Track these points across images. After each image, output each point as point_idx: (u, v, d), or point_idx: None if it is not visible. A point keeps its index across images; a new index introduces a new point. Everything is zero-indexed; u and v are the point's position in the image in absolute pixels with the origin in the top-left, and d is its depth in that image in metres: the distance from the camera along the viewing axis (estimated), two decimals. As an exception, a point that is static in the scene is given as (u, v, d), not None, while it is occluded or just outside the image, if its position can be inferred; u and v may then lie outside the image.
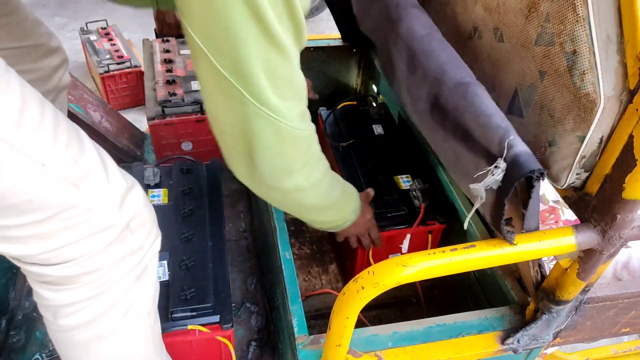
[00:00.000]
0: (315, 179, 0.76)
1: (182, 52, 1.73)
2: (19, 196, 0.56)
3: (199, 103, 1.52)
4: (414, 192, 1.10)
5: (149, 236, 0.70)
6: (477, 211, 1.01)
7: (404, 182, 1.15)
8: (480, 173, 0.63)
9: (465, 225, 0.72)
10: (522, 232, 0.65)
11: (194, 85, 1.60)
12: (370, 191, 1.06)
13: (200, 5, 0.55)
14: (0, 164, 0.53)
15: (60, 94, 1.12)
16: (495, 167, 0.60)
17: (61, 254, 0.61)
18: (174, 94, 1.54)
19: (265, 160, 0.68)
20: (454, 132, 0.74)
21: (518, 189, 0.62)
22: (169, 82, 1.59)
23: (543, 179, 0.57)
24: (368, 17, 1.09)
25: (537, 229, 0.65)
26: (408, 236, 1.06)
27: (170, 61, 1.68)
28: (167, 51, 1.73)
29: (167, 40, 1.78)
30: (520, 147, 0.60)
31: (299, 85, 0.66)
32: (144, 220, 0.69)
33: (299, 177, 0.73)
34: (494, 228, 0.67)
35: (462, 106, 0.70)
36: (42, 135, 0.57)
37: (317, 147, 0.75)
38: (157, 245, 0.73)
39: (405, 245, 1.08)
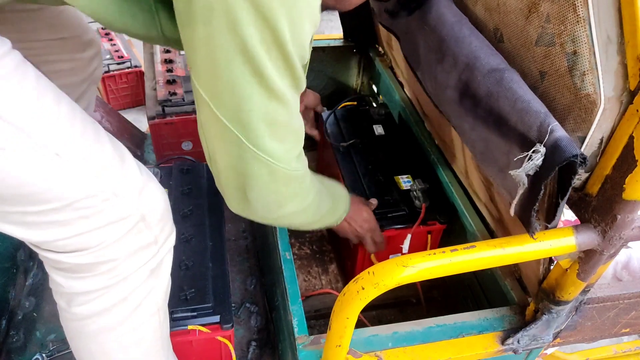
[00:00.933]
0: (305, 205, 0.78)
1: (182, 52, 1.73)
2: (34, 185, 0.58)
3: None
4: (414, 193, 1.10)
5: (163, 230, 0.72)
6: (477, 211, 1.02)
7: (405, 182, 1.15)
8: (518, 158, 0.62)
9: (513, 212, 0.68)
10: (546, 226, 0.65)
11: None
12: (373, 201, 1.07)
13: (205, 62, 0.57)
14: (15, 153, 0.56)
15: (92, 85, 1.14)
16: (534, 152, 0.58)
17: (77, 242, 0.63)
18: (174, 94, 1.54)
19: (259, 197, 0.70)
20: (485, 119, 0.73)
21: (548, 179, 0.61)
22: (169, 82, 1.60)
23: (586, 165, 0.56)
24: (388, 7, 1.08)
25: (557, 223, 0.65)
26: (409, 236, 1.06)
27: (170, 61, 1.69)
28: (168, 51, 1.74)
29: None
30: (561, 132, 0.58)
31: (297, 128, 0.69)
32: (160, 214, 0.71)
33: (290, 207, 0.75)
34: (520, 218, 0.66)
35: (497, 92, 0.69)
36: (58, 126, 0.59)
37: (308, 179, 0.77)
38: (172, 240, 0.75)
39: (405, 246, 1.08)
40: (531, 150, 0.59)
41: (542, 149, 0.58)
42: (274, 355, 1.17)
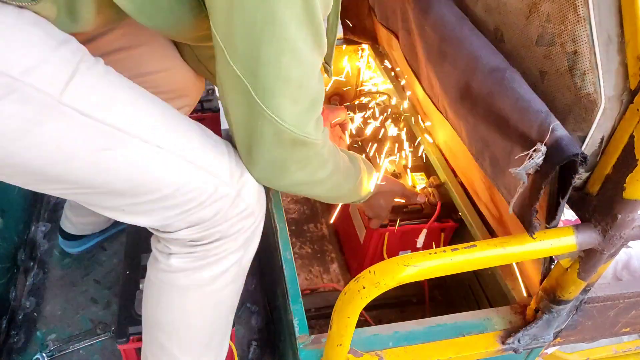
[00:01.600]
0: (318, 178, 0.78)
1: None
2: (143, 176, 0.65)
3: (200, 102, 1.52)
4: (428, 189, 1.11)
5: (258, 202, 0.77)
6: (477, 211, 1.02)
7: (419, 179, 1.16)
8: (518, 157, 0.63)
9: (511, 210, 0.67)
10: (546, 226, 0.65)
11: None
12: (420, 199, 1.08)
13: (223, 7, 0.58)
14: (121, 150, 0.62)
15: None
16: (535, 150, 0.58)
17: (190, 220, 0.71)
18: None
19: (262, 158, 0.71)
20: (485, 118, 0.73)
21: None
22: None
23: (586, 164, 0.56)
24: (387, 6, 1.08)
25: (557, 223, 0.65)
26: (424, 232, 1.07)
27: None
28: None
29: None
30: (562, 131, 0.59)
31: (314, 91, 0.67)
32: (256, 192, 0.76)
33: (298, 175, 0.75)
34: (520, 217, 0.66)
35: (498, 91, 0.69)
36: (154, 123, 0.66)
37: (326, 151, 0.76)
38: (263, 212, 0.80)
39: (420, 241, 1.08)
40: (532, 149, 0.59)
41: (543, 148, 0.58)
42: (274, 354, 1.17)
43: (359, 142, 1.25)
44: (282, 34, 0.57)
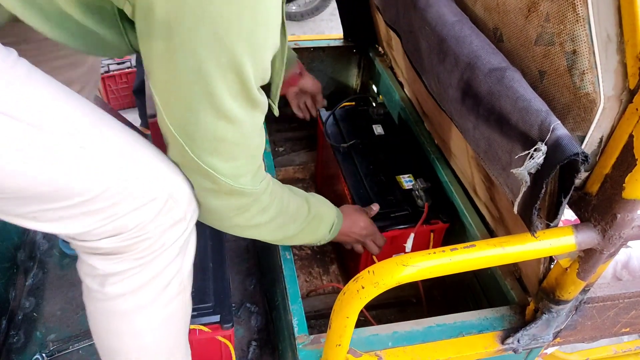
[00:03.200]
0: (258, 222, 0.78)
1: None
2: (64, 179, 0.59)
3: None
4: (416, 192, 1.11)
5: (190, 206, 0.73)
6: (477, 211, 1.02)
7: (406, 181, 1.15)
8: (518, 156, 0.63)
9: (516, 210, 0.68)
10: (547, 224, 0.65)
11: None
12: (374, 207, 1.07)
13: (160, 74, 0.60)
14: (40, 151, 0.57)
15: (92, 77, 1.11)
16: (536, 150, 0.58)
17: (113, 227, 0.65)
18: None
19: (201, 202, 0.73)
20: (486, 118, 0.73)
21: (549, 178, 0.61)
22: None
23: (587, 163, 0.56)
24: (392, 5, 1.08)
25: (559, 221, 0.65)
26: (412, 235, 1.06)
27: None
28: None
29: None
30: (562, 131, 0.58)
31: (252, 147, 0.69)
32: (187, 191, 0.72)
33: (237, 220, 0.76)
34: (522, 216, 0.66)
35: (498, 91, 0.69)
36: (76, 121, 0.60)
37: (266, 198, 0.76)
38: (196, 216, 0.76)
39: (409, 245, 1.08)
40: (533, 149, 0.59)
41: (544, 148, 0.58)
42: (274, 355, 1.17)
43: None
44: (219, 106, 0.60)
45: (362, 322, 1.13)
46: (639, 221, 0.62)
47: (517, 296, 0.87)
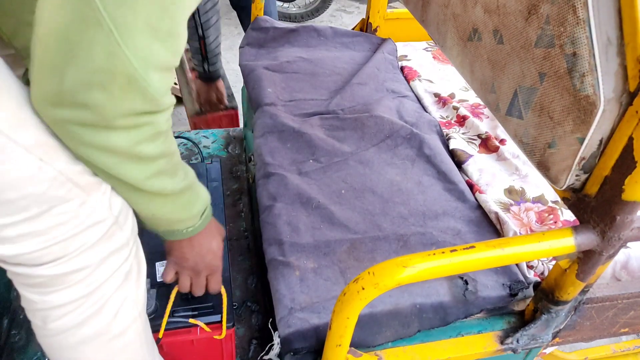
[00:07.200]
0: (142, 151, 0.59)
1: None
2: (16, 190, 0.54)
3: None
4: None
5: (133, 231, 0.69)
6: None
7: None
8: None
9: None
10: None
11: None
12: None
13: None
14: (1, 157, 0.52)
15: None
16: None
17: (52, 251, 0.60)
18: None
19: (76, 79, 0.50)
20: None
21: None
22: None
23: None
24: None
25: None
26: None
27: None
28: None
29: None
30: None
31: (182, 36, 0.54)
32: (128, 214, 0.67)
33: (118, 136, 0.56)
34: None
35: None
36: (37, 132, 0.55)
37: (164, 123, 0.59)
38: (139, 243, 0.71)
39: None
40: None
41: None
42: (274, 354, 1.17)
43: None
44: None
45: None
46: (638, 223, 0.62)
47: (516, 296, 0.87)
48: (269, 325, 0.86)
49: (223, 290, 0.90)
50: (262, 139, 1.13)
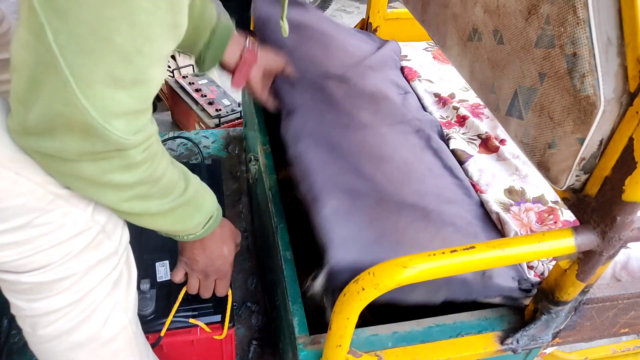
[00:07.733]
0: (111, 179, 0.58)
1: (200, 82, 2.24)
2: None
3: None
4: None
5: (122, 239, 0.68)
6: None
7: None
8: None
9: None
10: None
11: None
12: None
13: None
14: None
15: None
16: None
17: (36, 259, 0.60)
18: (219, 109, 2.08)
19: (35, 120, 0.51)
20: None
21: None
22: (209, 103, 2.10)
23: None
24: None
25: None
26: None
27: (199, 90, 2.18)
28: (191, 83, 2.20)
29: (185, 76, 2.25)
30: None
31: (147, 75, 0.51)
32: (118, 222, 0.67)
33: (85, 168, 0.56)
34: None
35: None
36: (15, 149, 0.55)
37: (139, 155, 0.57)
38: (130, 250, 0.71)
39: None
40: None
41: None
42: (274, 354, 1.18)
43: None
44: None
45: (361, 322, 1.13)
46: (638, 223, 0.62)
47: (516, 296, 0.87)
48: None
49: (229, 291, 0.91)
50: (280, 81, 1.09)
